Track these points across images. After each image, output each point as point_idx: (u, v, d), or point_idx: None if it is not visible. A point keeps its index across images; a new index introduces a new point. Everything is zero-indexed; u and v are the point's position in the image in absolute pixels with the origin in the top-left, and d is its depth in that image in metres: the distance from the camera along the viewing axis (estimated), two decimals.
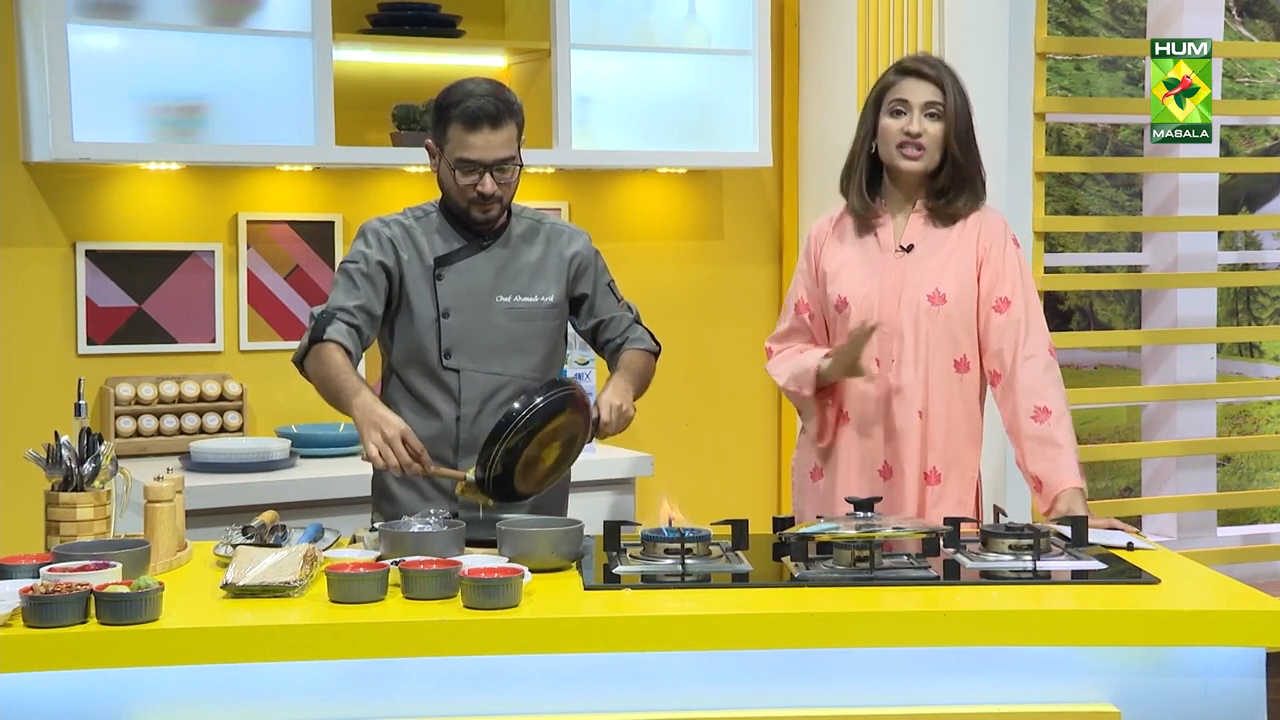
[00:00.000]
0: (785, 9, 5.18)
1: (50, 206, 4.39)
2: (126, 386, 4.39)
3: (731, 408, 5.21)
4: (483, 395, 3.33)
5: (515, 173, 3.31)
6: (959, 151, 3.34)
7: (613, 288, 3.49)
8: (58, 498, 2.84)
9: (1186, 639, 2.59)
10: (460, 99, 3.25)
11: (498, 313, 3.35)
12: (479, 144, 3.24)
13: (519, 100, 3.33)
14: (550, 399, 3.08)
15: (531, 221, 3.44)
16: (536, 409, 3.06)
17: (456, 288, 3.33)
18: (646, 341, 3.49)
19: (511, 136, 3.28)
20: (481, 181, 3.26)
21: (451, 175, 3.28)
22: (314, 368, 3.25)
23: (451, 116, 3.26)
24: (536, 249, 3.40)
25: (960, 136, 3.35)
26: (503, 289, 3.36)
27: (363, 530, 3.04)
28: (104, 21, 4.26)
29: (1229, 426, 7.21)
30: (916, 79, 3.36)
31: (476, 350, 3.33)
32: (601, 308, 3.46)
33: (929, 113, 3.34)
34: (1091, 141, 7.28)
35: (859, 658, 2.59)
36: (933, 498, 3.36)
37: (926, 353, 3.35)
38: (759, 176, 5.22)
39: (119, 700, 2.46)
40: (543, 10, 4.64)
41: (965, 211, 3.38)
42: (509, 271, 3.37)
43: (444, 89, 3.32)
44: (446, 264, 3.34)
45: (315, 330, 3.26)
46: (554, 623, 2.52)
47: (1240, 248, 6.57)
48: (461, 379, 3.33)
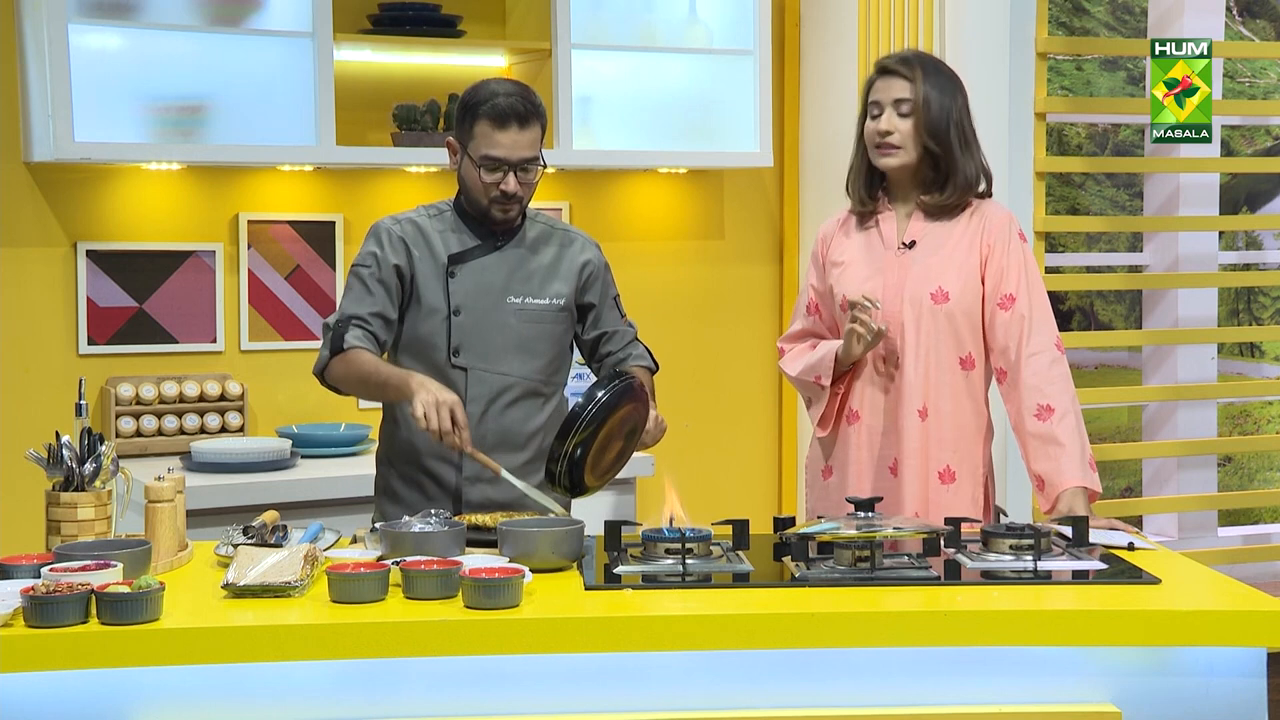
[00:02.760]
0: (785, 9, 5.18)
1: (51, 206, 4.39)
2: (127, 386, 4.39)
3: (732, 408, 5.21)
4: (489, 395, 3.33)
5: (537, 174, 3.31)
6: (935, 145, 3.33)
7: (618, 302, 3.50)
8: (59, 498, 2.84)
9: (1187, 639, 2.59)
10: (488, 97, 3.26)
11: (508, 313, 3.35)
12: (506, 142, 3.24)
13: (543, 104, 3.33)
14: (613, 391, 3.08)
15: (545, 226, 3.44)
16: (601, 402, 3.06)
17: (469, 286, 3.33)
18: (648, 360, 3.50)
19: (536, 137, 3.28)
20: (505, 180, 3.26)
21: (475, 173, 3.28)
22: (344, 374, 3.28)
23: (479, 114, 3.26)
24: (550, 252, 3.41)
25: (935, 129, 3.32)
26: (514, 290, 3.36)
27: (363, 530, 3.05)
28: (105, 21, 4.26)
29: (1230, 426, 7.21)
30: (889, 77, 3.37)
31: (485, 349, 3.33)
32: (606, 320, 3.47)
33: (900, 110, 3.34)
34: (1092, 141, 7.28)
35: (859, 658, 2.58)
36: (944, 496, 3.34)
37: (929, 350, 3.34)
38: (759, 176, 5.22)
39: (119, 700, 2.46)
40: (543, 10, 4.64)
41: (959, 204, 3.37)
42: (522, 273, 3.37)
43: (470, 87, 3.33)
44: (460, 262, 3.34)
45: (334, 341, 3.28)
46: (554, 623, 2.52)
47: (1241, 248, 6.57)
48: (469, 377, 3.33)
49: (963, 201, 3.37)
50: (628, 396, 3.11)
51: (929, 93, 3.32)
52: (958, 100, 3.36)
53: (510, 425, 3.34)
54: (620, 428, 3.13)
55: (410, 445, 3.34)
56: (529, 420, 3.37)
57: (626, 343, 3.49)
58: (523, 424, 3.36)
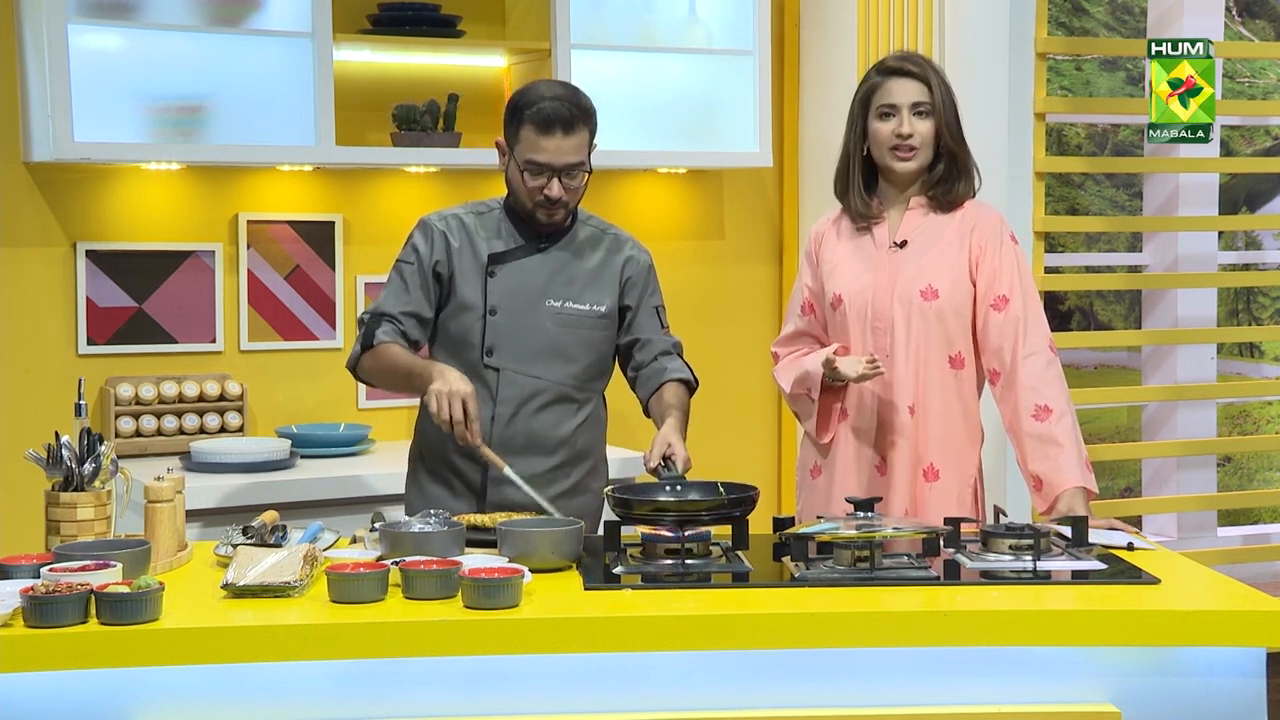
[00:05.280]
0: (785, 9, 5.18)
1: (50, 206, 4.39)
2: (127, 386, 4.39)
3: (731, 408, 5.21)
4: (520, 397, 3.32)
5: (583, 179, 3.30)
6: (953, 144, 3.35)
7: (660, 313, 3.45)
8: (58, 498, 2.84)
9: (1186, 639, 2.59)
10: (535, 100, 3.24)
11: (545, 316, 3.33)
12: (550, 148, 3.23)
13: (593, 106, 3.31)
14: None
15: (596, 230, 3.42)
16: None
17: (507, 286, 3.32)
18: (686, 374, 3.43)
19: (583, 142, 3.26)
20: (549, 185, 3.25)
21: (520, 176, 3.28)
22: (373, 368, 3.31)
23: (525, 118, 3.25)
24: (596, 257, 3.39)
25: (951, 129, 3.36)
26: (554, 293, 3.34)
27: (363, 530, 3.05)
28: (104, 21, 4.26)
29: (1229, 426, 7.21)
30: (902, 78, 3.36)
31: (519, 351, 3.32)
32: (642, 326, 3.42)
33: (918, 112, 3.34)
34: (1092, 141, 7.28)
35: (859, 658, 2.59)
36: (930, 494, 3.35)
37: (919, 348, 3.34)
38: (759, 176, 5.22)
39: (119, 700, 2.46)
40: (543, 10, 4.64)
41: (963, 198, 3.38)
42: (563, 276, 3.35)
43: (519, 89, 3.32)
44: (500, 262, 3.33)
45: (365, 337, 3.31)
46: (554, 623, 2.52)
47: (1240, 248, 6.57)
48: (500, 378, 3.32)
49: (967, 194, 3.39)
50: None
51: (943, 93, 3.34)
52: (954, 99, 3.39)
53: (540, 429, 3.33)
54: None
55: (439, 441, 3.35)
56: (560, 425, 3.36)
57: (659, 353, 3.42)
58: (553, 429, 3.35)
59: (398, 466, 3.67)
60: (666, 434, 3.23)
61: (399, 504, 3.62)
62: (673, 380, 3.40)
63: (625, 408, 3.72)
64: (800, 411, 3.48)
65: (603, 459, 3.51)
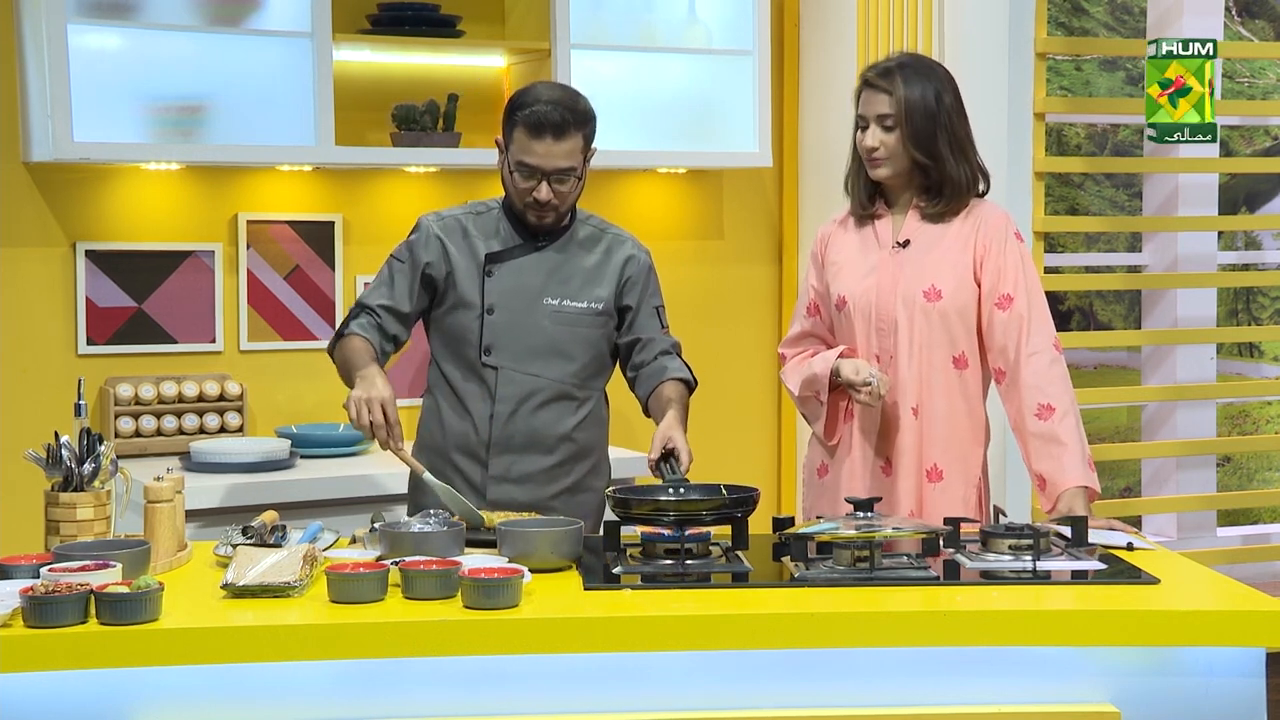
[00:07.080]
0: (785, 9, 5.18)
1: (50, 206, 4.39)
2: (126, 386, 4.39)
3: (731, 408, 5.21)
4: (518, 396, 3.33)
5: (574, 183, 3.30)
6: (922, 155, 3.32)
7: (659, 312, 3.46)
8: (58, 498, 2.84)
9: (1186, 639, 2.59)
10: (530, 103, 3.25)
11: (543, 314, 3.34)
12: (540, 151, 3.24)
13: (592, 111, 3.31)
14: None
15: (595, 229, 3.43)
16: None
17: (504, 285, 3.33)
18: (686, 373, 3.44)
19: (575, 147, 3.26)
20: (538, 189, 3.26)
21: (511, 177, 3.29)
22: (338, 357, 3.37)
23: (518, 120, 3.25)
24: (594, 255, 3.39)
25: (920, 141, 3.31)
26: (551, 291, 3.34)
27: (362, 530, 3.05)
28: (104, 21, 4.26)
29: (1229, 427, 7.22)
30: (870, 91, 3.36)
31: (517, 349, 3.33)
32: (642, 326, 3.43)
33: (883, 125, 3.33)
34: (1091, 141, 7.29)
35: (859, 658, 2.59)
36: (934, 494, 3.35)
37: (922, 349, 3.34)
38: (759, 176, 5.22)
39: (119, 700, 2.46)
40: (543, 10, 4.64)
41: (955, 208, 3.37)
42: (560, 275, 3.36)
43: (519, 89, 3.33)
44: (497, 261, 3.34)
45: (341, 325, 3.38)
46: (554, 623, 2.52)
47: (1240, 248, 6.57)
48: (499, 377, 3.33)
49: (960, 204, 3.38)
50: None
51: (911, 105, 3.29)
52: (945, 102, 3.32)
53: (540, 427, 3.34)
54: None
55: (440, 440, 3.36)
56: (559, 423, 3.36)
57: (659, 352, 3.43)
58: (553, 427, 3.35)
59: (397, 466, 3.67)
60: (667, 428, 3.23)
61: (399, 504, 3.63)
62: (672, 379, 3.40)
63: (626, 408, 3.72)
64: (809, 413, 3.48)
65: (605, 457, 3.52)
